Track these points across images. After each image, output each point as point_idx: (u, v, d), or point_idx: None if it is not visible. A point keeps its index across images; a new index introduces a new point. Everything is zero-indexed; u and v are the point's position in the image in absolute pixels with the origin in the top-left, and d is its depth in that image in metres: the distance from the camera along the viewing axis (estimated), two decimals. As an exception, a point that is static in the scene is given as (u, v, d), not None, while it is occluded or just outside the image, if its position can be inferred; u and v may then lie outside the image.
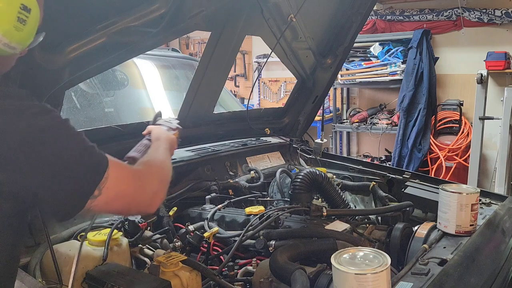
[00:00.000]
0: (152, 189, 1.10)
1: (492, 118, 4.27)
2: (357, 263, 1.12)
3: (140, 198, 1.07)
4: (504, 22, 4.87)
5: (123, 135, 2.05)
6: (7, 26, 0.93)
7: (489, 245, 1.65)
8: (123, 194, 1.02)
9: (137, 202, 1.06)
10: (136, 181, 1.06)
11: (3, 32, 0.92)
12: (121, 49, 1.74)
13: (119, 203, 1.02)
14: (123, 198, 1.02)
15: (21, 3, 0.94)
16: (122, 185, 1.01)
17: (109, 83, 2.92)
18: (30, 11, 0.96)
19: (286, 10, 2.32)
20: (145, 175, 1.10)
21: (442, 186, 1.71)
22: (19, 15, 0.94)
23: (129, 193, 1.03)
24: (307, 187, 1.93)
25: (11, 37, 0.94)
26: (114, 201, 1.00)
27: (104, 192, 0.96)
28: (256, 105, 6.80)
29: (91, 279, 1.31)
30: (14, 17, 0.93)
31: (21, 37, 0.96)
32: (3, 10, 0.92)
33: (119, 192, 1.00)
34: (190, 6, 1.86)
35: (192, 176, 2.18)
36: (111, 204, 1.00)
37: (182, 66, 3.59)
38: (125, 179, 1.03)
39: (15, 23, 0.93)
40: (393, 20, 5.48)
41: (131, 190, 1.04)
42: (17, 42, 0.96)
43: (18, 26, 0.94)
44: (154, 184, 1.11)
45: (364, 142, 6.17)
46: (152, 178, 1.11)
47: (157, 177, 1.14)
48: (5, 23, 0.92)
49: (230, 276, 1.53)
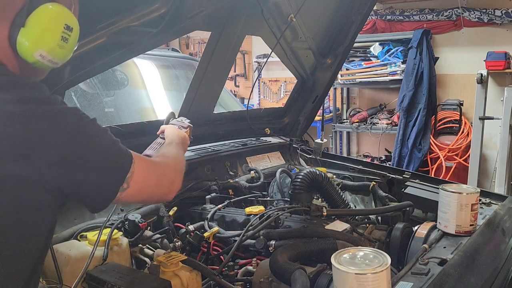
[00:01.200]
0: (170, 178, 1.20)
1: (492, 118, 4.27)
2: (357, 263, 1.12)
3: (161, 188, 1.17)
4: (504, 22, 4.87)
5: (123, 135, 2.05)
6: (52, 44, 1.03)
7: (489, 245, 1.65)
8: (148, 185, 1.11)
9: (158, 191, 1.17)
10: (157, 172, 1.16)
11: (48, 50, 1.02)
12: (121, 49, 1.74)
13: (144, 194, 1.12)
14: (147, 189, 1.11)
15: (65, 23, 1.04)
16: (146, 177, 1.10)
17: (109, 83, 2.92)
18: (72, 30, 1.06)
19: (286, 10, 2.32)
20: (163, 166, 1.20)
21: (442, 186, 1.71)
22: (63, 34, 1.04)
23: (152, 184, 1.13)
24: (307, 187, 1.93)
25: (54, 54, 1.04)
26: (140, 192, 1.09)
27: (131, 185, 1.04)
28: (256, 105, 6.80)
29: (91, 279, 1.31)
30: (58, 36, 1.03)
31: (63, 54, 1.06)
32: (49, 30, 1.02)
33: (144, 184, 1.09)
34: (190, 6, 1.86)
35: (192, 176, 2.18)
36: (137, 195, 1.09)
37: (182, 66, 3.59)
38: (148, 171, 1.12)
39: (59, 42, 1.04)
40: (393, 20, 5.48)
41: (154, 181, 1.13)
42: (59, 58, 1.06)
43: (61, 44, 1.04)
44: (171, 174, 1.21)
45: (364, 142, 6.17)
46: (169, 169, 1.22)
47: (174, 167, 1.24)
48: (51, 41, 1.02)
49: (230, 276, 1.53)
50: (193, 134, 1.76)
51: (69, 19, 1.06)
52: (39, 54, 1.01)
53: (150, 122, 2.16)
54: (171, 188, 1.20)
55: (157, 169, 1.17)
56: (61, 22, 1.03)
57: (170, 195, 1.20)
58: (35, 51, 1.01)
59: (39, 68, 1.08)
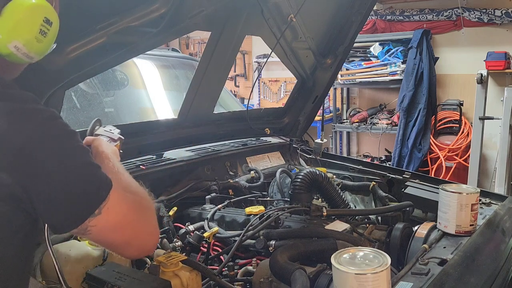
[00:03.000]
0: (151, 221, 1.03)
1: (492, 118, 4.27)
2: (357, 263, 1.12)
3: (141, 230, 1.00)
4: (504, 22, 4.87)
5: (123, 135, 2.04)
6: (29, 36, 0.95)
7: (489, 245, 1.65)
8: (124, 221, 0.96)
9: (138, 234, 1.00)
10: (138, 210, 1.00)
11: (24, 42, 0.95)
12: (121, 49, 1.74)
13: (118, 233, 0.96)
14: (123, 228, 0.96)
15: (45, 16, 0.97)
16: (123, 210, 0.96)
17: (109, 83, 2.92)
18: (52, 24, 0.99)
19: (286, 10, 2.32)
20: (142, 204, 1.03)
21: (442, 186, 1.71)
22: (41, 27, 0.97)
23: (130, 221, 0.97)
24: (307, 187, 1.93)
25: (30, 47, 0.97)
26: (114, 229, 0.95)
27: (104, 212, 0.92)
28: (256, 105, 6.80)
29: (91, 279, 1.31)
30: (37, 28, 0.96)
31: (39, 48, 0.99)
32: (27, 21, 0.95)
33: (120, 218, 0.95)
34: (190, 6, 1.86)
35: (192, 176, 2.19)
36: (109, 232, 0.94)
37: (182, 66, 3.59)
38: (128, 204, 0.97)
39: (37, 35, 0.96)
40: (393, 20, 5.48)
41: (132, 218, 0.98)
42: (35, 52, 0.99)
43: (39, 38, 0.97)
44: (151, 215, 1.05)
45: (364, 142, 6.17)
46: (148, 208, 1.05)
47: (151, 206, 1.07)
48: (28, 33, 0.95)
49: (230, 276, 1.53)
50: (193, 134, 1.70)
51: (49, 12, 0.99)
52: (14, 46, 0.94)
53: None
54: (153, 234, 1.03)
55: (139, 207, 1.00)
56: (40, 15, 0.97)
57: (152, 244, 1.04)
58: (10, 42, 0.93)
59: (12, 62, 0.99)
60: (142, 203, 1.03)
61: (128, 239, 0.98)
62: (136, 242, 0.99)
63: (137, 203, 1.00)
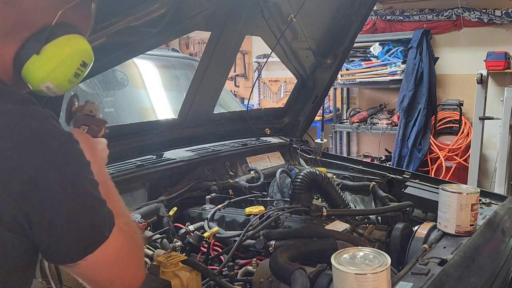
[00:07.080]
0: (139, 263, 0.96)
1: (492, 118, 4.27)
2: (357, 263, 1.12)
3: (128, 271, 0.92)
4: (504, 22, 4.87)
5: (123, 135, 2.05)
6: (63, 79, 0.94)
7: (489, 245, 1.65)
8: (116, 258, 0.89)
9: (123, 275, 0.92)
10: (130, 247, 0.93)
11: (57, 84, 0.94)
12: (121, 49, 1.74)
13: (105, 270, 0.88)
14: (111, 265, 0.88)
15: (83, 60, 0.95)
16: (117, 248, 0.88)
17: (109, 83, 2.92)
18: (87, 66, 0.97)
19: (286, 10, 2.32)
20: (135, 240, 0.95)
21: (442, 186, 1.71)
22: (77, 71, 0.95)
23: (122, 258, 0.90)
24: (307, 187, 1.93)
25: (61, 88, 0.95)
26: (102, 265, 0.87)
27: (100, 248, 0.84)
28: (256, 105, 6.80)
29: (91, 279, 1.31)
30: (72, 73, 0.94)
31: (69, 88, 0.97)
32: (65, 67, 0.93)
33: (113, 255, 0.88)
34: (190, 6, 1.86)
35: (192, 176, 2.19)
36: (97, 267, 0.87)
37: (182, 66, 3.59)
38: (124, 240, 0.90)
39: (71, 78, 0.95)
40: (393, 20, 5.48)
41: (124, 256, 0.91)
42: (63, 91, 0.97)
43: (71, 80, 0.95)
44: (141, 255, 0.98)
45: (364, 142, 6.17)
46: (139, 246, 0.98)
47: (141, 243, 1.00)
48: (63, 77, 0.94)
49: (230, 276, 1.53)
50: (193, 134, 1.69)
51: (87, 55, 0.97)
52: (46, 86, 0.92)
53: (150, 122, 2.16)
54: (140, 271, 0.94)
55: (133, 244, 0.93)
56: (79, 59, 0.94)
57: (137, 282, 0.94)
58: (44, 83, 0.92)
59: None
60: (136, 240, 0.96)
61: (113, 278, 0.90)
62: (119, 282, 0.91)
63: (132, 240, 0.94)
